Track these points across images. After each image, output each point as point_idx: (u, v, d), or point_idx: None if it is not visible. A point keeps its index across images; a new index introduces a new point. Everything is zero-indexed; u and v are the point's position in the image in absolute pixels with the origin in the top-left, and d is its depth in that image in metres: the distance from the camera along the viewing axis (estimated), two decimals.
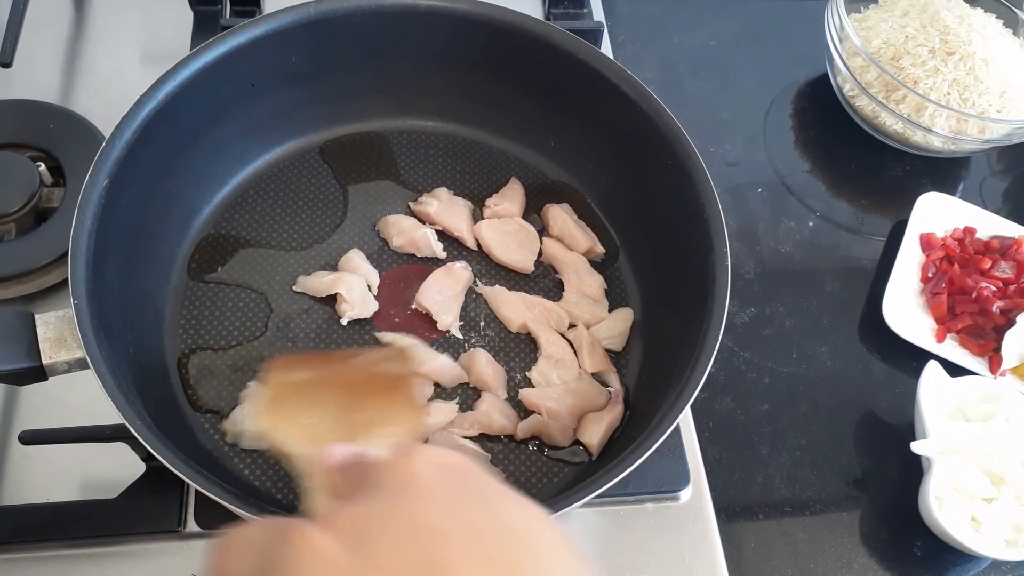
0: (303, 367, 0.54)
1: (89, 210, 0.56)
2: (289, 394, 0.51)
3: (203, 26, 0.84)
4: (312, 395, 0.51)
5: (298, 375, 0.53)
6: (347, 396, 0.51)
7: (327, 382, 0.52)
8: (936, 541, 0.68)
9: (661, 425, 0.53)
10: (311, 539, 0.30)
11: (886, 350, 0.78)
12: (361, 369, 0.54)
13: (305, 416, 0.49)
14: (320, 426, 0.48)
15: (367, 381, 0.53)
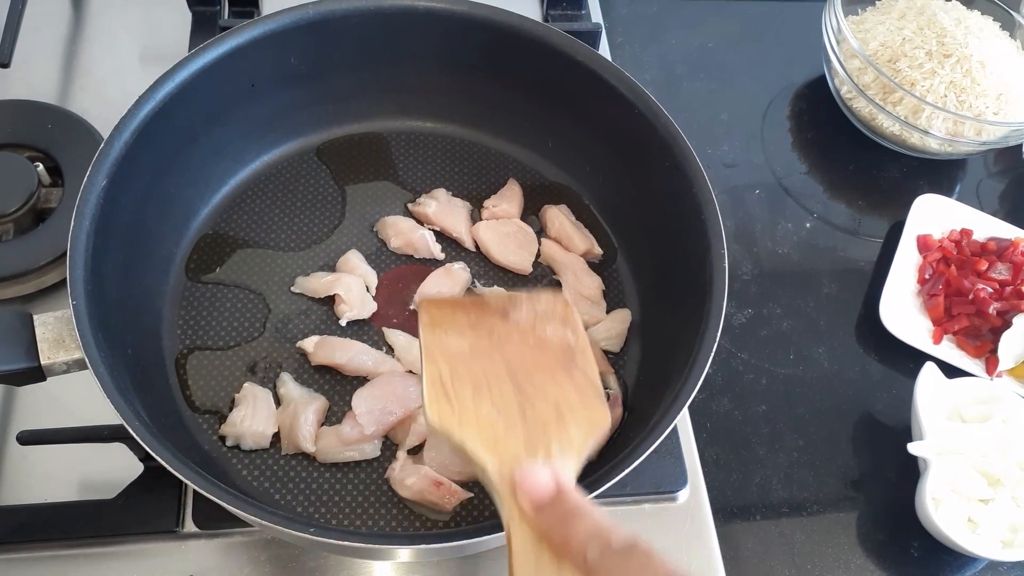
0: (458, 325, 0.48)
1: (87, 211, 0.56)
2: (458, 369, 0.46)
3: (202, 27, 0.84)
4: (484, 371, 0.46)
5: (457, 341, 0.47)
6: (523, 373, 0.45)
7: (494, 351, 0.47)
8: (933, 542, 0.68)
9: (659, 426, 0.53)
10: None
11: (883, 351, 0.78)
12: (527, 332, 0.48)
13: (484, 403, 0.44)
14: (503, 421, 0.43)
15: (538, 350, 0.47)
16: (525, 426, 0.43)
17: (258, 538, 0.61)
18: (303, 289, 0.69)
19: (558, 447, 0.42)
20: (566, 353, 0.47)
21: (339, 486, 0.61)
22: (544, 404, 0.44)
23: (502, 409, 0.44)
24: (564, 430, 0.43)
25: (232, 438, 0.62)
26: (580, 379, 0.45)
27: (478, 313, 0.50)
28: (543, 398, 0.44)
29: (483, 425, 0.43)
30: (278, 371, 0.65)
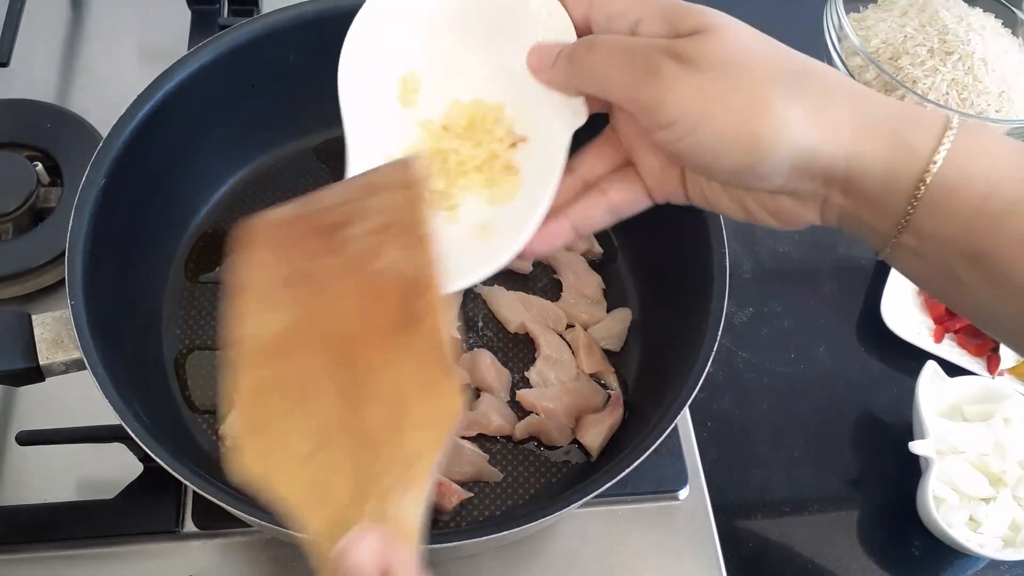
0: (274, 283, 0.35)
1: (86, 210, 0.56)
2: (266, 373, 0.33)
3: (201, 25, 0.84)
4: (300, 371, 0.33)
5: (270, 320, 0.34)
6: (347, 357, 0.32)
7: (314, 326, 0.34)
8: (934, 541, 0.68)
9: (659, 425, 0.53)
10: None
11: (884, 350, 0.78)
12: (357, 269, 0.34)
13: (299, 430, 0.32)
14: (324, 455, 0.31)
15: (370, 302, 0.33)
16: (349, 455, 0.31)
17: (258, 538, 0.61)
18: None
19: (393, 479, 0.30)
20: (405, 300, 0.32)
21: None
22: (376, 407, 0.32)
23: (318, 432, 0.32)
24: (401, 443, 0.31)
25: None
26: (419, 345, 0.32)
27: (302, 247, 0.37)
28: (374, 395, 0.32)
29: (296, 470, 0.31)
30: None
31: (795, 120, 0.36)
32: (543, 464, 0.63)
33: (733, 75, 0.36)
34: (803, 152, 0.36)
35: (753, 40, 0.38)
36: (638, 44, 0.39)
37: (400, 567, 0.28)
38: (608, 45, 0.40)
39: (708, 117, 0.36)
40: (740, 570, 0.66)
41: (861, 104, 0.37)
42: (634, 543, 0.63)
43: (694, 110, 0.37)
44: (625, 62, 0.38)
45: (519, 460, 0.64)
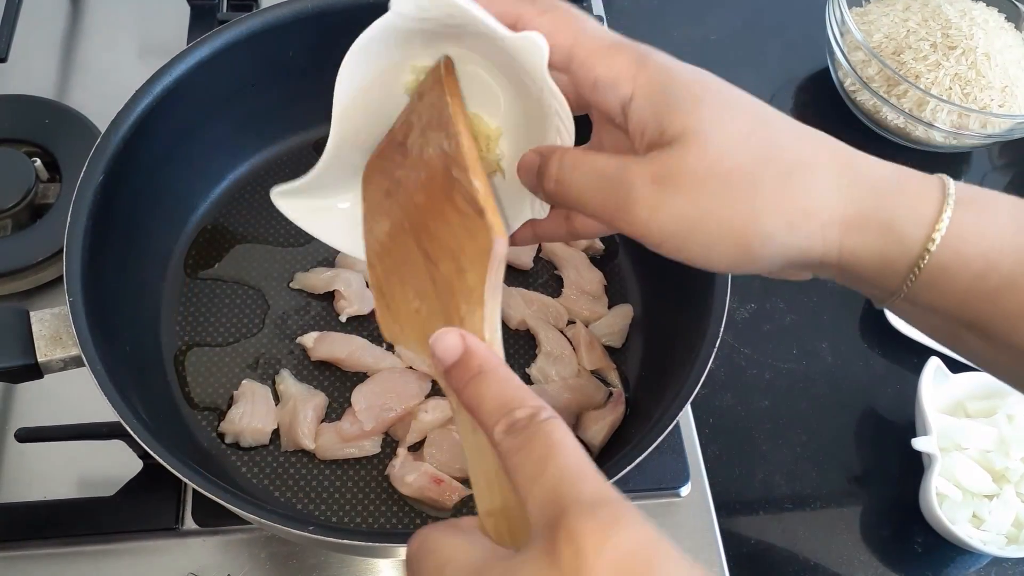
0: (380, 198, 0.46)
1: (84, 206, 0.56)
2: (387, 263, 0.45)
3: (200, 20, 0.83)
4: (401, 253, 0.44)
5: (382, 226, 0.46)
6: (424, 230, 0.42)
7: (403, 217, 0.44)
8: (937, 538, 0.67)
9: (661, 422, 0.53)
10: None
11: (887, 346, 0.77)
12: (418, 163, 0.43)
13: (408, 294, 0.43)
14: (425, 306, 0.42)
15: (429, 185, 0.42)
16: (439, 300, 0.41)
17: (258, 535, 0.61)
18: (302, 285, 0.68)
19: (465, 306, 0.39)
20: (446, 172, 0.41)
21: (339, 483, 0.61)
22: (445, 260, 0.41)
23: (420, 291, 0.42)
24: (463, 280, 0.39)
25: (231, 435, 0.61)
26: (460, 202, 0.40)
27: (390, 164, 0.47)
28: (443, 252, 0.41)
29: (415, 322, 0.42)
30: (277, 367, 0.65)
31: (782, 229, 0.36)
32: None
33: (716, 191, 0.36)
34: (793, 252, 0.37)
35: (738, 142, 0.36)
36: (611, 171, 0.38)
37: (472, 345, 0.35)
38: (586, 171, 0.39)
39: (693, 235, 0.37)
40: (742, 567, 0.66)
41: (851, 191, 0.36)
42: None
43: (679, 233, 0.37)
44: (605, 192, 0.38)
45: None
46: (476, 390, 0.34)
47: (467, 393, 0.34)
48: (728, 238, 0.36)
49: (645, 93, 0.37)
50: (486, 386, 0.34)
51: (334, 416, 0.63)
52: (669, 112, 0.37)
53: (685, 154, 0.36)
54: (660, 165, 0.36)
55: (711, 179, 0.36)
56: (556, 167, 0.40)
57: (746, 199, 0.36)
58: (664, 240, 0.37)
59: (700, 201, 0.36)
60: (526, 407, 0.32)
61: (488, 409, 0.33)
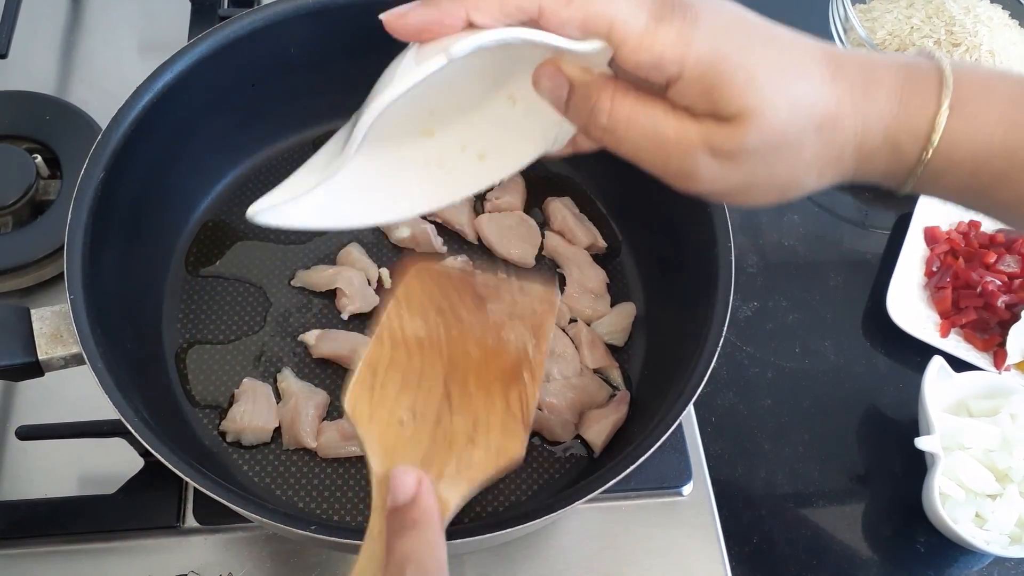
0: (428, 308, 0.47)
1: (85, 203, 0.56)
2: (399, 359, 0.45)
3: (201, 16, 0.83)
4: (422, 368, 0.45)
5: (415, 327, 0.46)
6: (460, 378, 0.44)
7: (444, 348, 0.46)
8: (939, 537, 0.67)
9: (664, 421, 0.52)
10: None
11: (890, 345, 0.77)
12: (490, 331, 0.47)
13: (403, 404, 0.43)
14: (412, 429, 0.43)
15: (491, 356, 0.46)
16: (432, 440, 0.43)
17: (259, 534, 0.60)
18: (304, 283, 0.68)
19: (455, 468, 0.42)
20: (515, 367, 0.46)
21: (340, 481, 0.61)
22: (463, 419, 0.43)
23: (419, 415, 0.43)
24: (469, 452, 0.42)
25: (232, 434, 0.61)
26: (514, 401, 0.44)
27: (458, 295, 0.49)
28: (466, 412, 0.44)
29: (390, 427, 0.43)
30: (279, 365, 0.65)
31: (815, 178, 0.41)
32: (546, 460, 0.63)
33: (769, 161, 0.39)
34: (819, 189, 0.42)
35: (786, 114, 0.38)
36: (672, 139, 0.38)
37: (424, 500, 0.39)
38: (643, 132, 0.39)
39: (745, 194, 0.41)
40: (744, 566, 0.66)
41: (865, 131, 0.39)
42: (638, 539, 0.63)
43: (732, 193, 0.41)
44: (666, 157, 0.39)
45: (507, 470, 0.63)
46: (405, 535, 0.38)
47: (393, 536, 0.38)
48: (773, 193, 0.41)
49: (693, 76, 0.37)
50: (409, 537, 0.37)
51: (336, 414, 0.63)
52: (721, 92, 0.37)
53: (744, 133, 0.37)
54: (721, 141, 0.38)
55: (765, 151, 0.38)
56: (605, 117, 0.39)
57: (792, 162, 0.39)
58: (716, 198, 0.41)
59: (756, 170, 0.39)
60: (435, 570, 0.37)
61: (400, 555, 0.37)
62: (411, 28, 0.38)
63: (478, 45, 0.36)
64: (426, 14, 0.37)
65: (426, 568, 0.36)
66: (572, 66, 0.40)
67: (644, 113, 0.39)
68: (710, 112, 0.38)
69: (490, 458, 0.43)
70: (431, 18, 0.37)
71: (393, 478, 0.39)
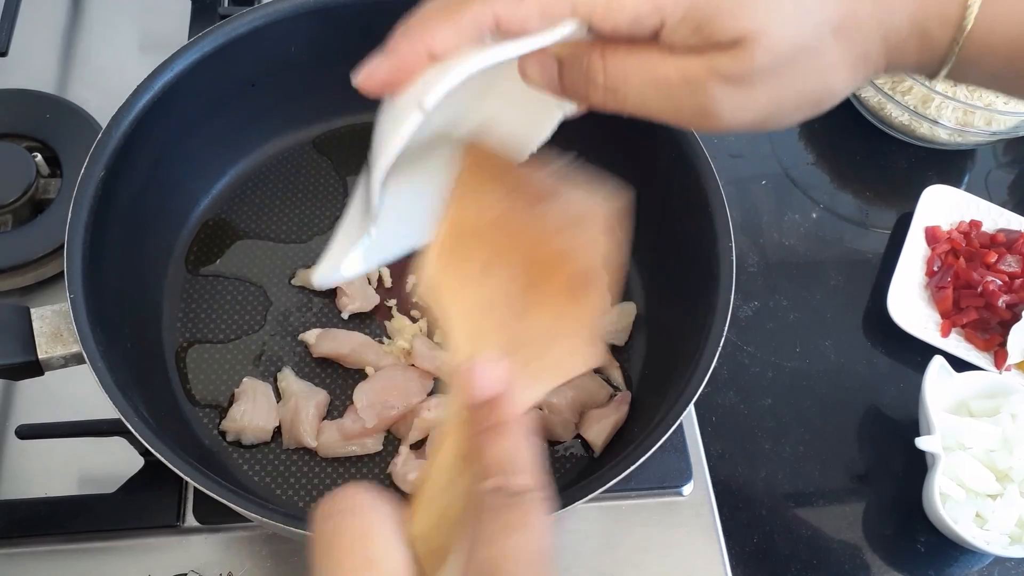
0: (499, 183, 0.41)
1: (85, 202, 0.56)
2: (482, 230, 0.40)
3: (201, 15, 0.83)
4: (504, 248, 0.40)
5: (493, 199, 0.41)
6: (527, 277, 0.40)
7: (520, 234, 0.41)
8: (940, 537, 0.67)
9: (665, 421, 0.52)
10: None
11: (890, 344, 0.77)
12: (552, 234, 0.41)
13: (488, 285, 0.39)
14: (497, 315, 0.38)
15: (555, 261, 0.41)
16: (515, 331, 0.38)
17: (259, 533, 0.60)
18: (304, 282, 0.68)
19: (535, 367, 0.38)
20: (584, 277, 0.41)
21: (341, 481, 0.61)
22: (545, 315, 0.39)
23: (503, 301, 0.39)
24: (549, 350, 0.39)
25: (232, 433, 0.61)
26: (586, 310, 0.40)
27: (515, 180, 0.43)
28: (545, 308, 0.39)
29: (475, 309, 0.38)
30: (279, 365, 0.65)
31: (846, 81, 0.38)
32: (547, 459, 0.63)
33: (788, 76, 0.36)
34: (855, 89, 0.40)
35: (793, 22, 0.35)
36: (677, 79, 0.36)
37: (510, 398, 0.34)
38: (644, 81, 0.37)
39: (774, 118, 0.38)
40: (744, 565, 0.66)
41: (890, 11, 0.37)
42: (637, 538, 0.63)
43: (759, 121, 0.38)
44: (674, 100, 0.37)
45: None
46: (493, 437, 0.33)
47: (483, 435, 0.33)
48: (804, 108, 0.38)
49: (676, 20, 0.35)
50: (504, 439, 0.33)
51: (336, 414, 0.63)
52: (712, 26, 0.35)
53: (752, 54, 0.35)
54: (730, 67, 0.36)
55: (782, 68, 0.36)
56: (601, 76, 0.37)
57: (814, 71, 0.37)
58: (748, 127, 0.38)
59: (777, 91, 0.37)
60: (527, 477, 0.32)
61: (494, 460, 0.33)
62: (381, 84, 0.37)
63: (448, 89, 0.35)
64: (389, 64, 0.36)
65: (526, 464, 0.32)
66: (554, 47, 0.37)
67: (640, 62, 0.37)
68: (710, 44, 0.35)
69: (567, 360, 0.39)
70: (394, 66, 0.36)
71: (479, 366, 0.35)
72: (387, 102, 0.39)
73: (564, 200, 0.43)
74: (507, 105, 0.43)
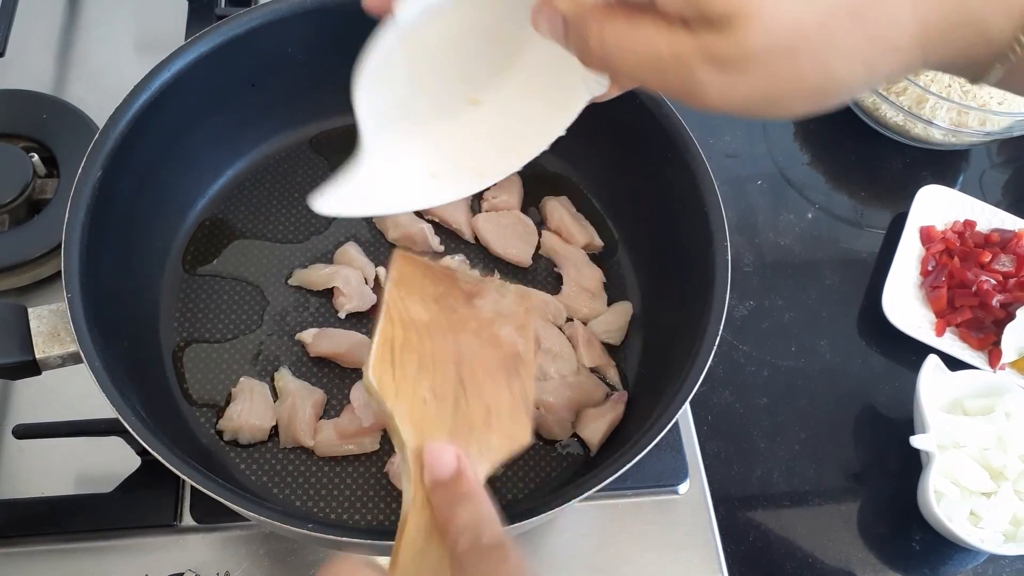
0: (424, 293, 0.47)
1: (82, 202, 0.56)
2: (411, 339, 0.45)
3: (198, 15, 0.83)
4: (434, 351, 0.46)
5: (419, 310, 0.47)
6: (468, 366, 0.46)
7: (449, 334, 0.47)
8: (934, 535, 0.68)
9: (661, 420, 0.53)
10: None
11: (885, 344, 0.77)
12: (484, 326, 0.48)
13: (424, 383, 0.44)
14: (435, 407, 0.44)
15: (489, 348, 0.47)
16: (454, 418, 0.44)
17: (256, 532, 0.61)
18: (301, 282, 0.68)
19: (476, 449, 0.43)
20: (512, 360, 0.48)
21: (338, 480, 0.61)
22: (477, 404, 0.45)
23: (439, 395, 0.44)
24: (487, 435, 0.44)
25: (229, 432, 0.61)
26: (517, 390, 0.46)
27: (446, 286, 0.50)
28: (478, 398, 0.45)
29: (416, 403, 0.44)
30: (276, 364, 0.65)
31: (861, 73, 0.34)
32: (543, 458, 0.63)
33: (785, 62, 0.33)
34: (874, 84, 0.35)
35: (799, 3, 0.32)
36: (667, 55, 0.34)
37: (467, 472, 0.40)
38: (636, 52, 0.35)
39: (771, 105, 0.35)
40: (740, 564, 0.66)
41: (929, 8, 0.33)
42: (634, 537, 0.63)
43: (754, 105, 0.35)
44: (664, 74, 0.35)
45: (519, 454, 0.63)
46: (456, 509, 0.38)
47: (447, 509, 0.39)
48: (807, 97, 0.34)
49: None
50: (464, 508, 0.38)
51: (333, 413, 0.63)
52: None
53: (743, 36, 0.32)
54: (719, 49, 0.33)
55: (777, 53, 0.33)
56: (597, 42, 0.36)
57: (819, 59, 0.33)
58: (739, 113, 0.35)
59: (771, 77, 0.33)
60: (494, 532, 0.37)
61: (461, 526, 0.38)
62: (380, 4, 0.39)
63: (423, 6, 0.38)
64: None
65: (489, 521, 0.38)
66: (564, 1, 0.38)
67: (634, 33, 0.35)
68: (701, 18, 0.33)
69: (505, 442, 0.44)
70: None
71: (430, 453, 0.40)
72: None
73: (493, 297, 0.50)
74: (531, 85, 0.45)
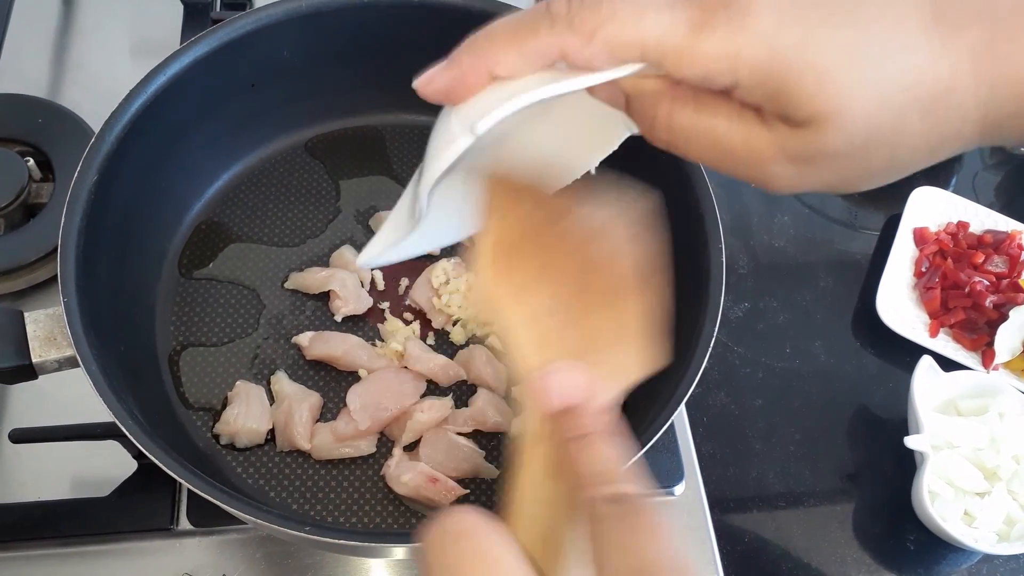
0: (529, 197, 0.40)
1: (78, 206, 0.56)
2: (527, 239, 0.39)
3: (193, 19, 0.83)
4: (550, 254, 0.39)
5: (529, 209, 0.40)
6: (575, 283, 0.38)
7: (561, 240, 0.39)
8: (929, 535, 0.68)
9: (656, 422, 0.53)
10: None
11: (879, 345, 0.78)
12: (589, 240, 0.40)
13: (543, 291, 0.37)
14: (558, 319, 0.37)
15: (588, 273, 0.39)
16: (581, 335, 0.36)
17: (253, 536, 0.61)
18: (297, 285, 0.68)
19: (608, 369, 0.35)
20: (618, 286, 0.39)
21: (335, 483, 0.61)
22: (606, 317, 0.37)
23: (560, 305, 0.37)
24: (618, 353, 0.36)
25: (226, 436, 0.61)
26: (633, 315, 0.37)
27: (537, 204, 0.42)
28: (605, 310, 0.37)
29: (535, 315, 0.37)
30: (272, 367, 0.65)
31: (924, 158, 0.35)
32: None
33: (859, 159, 0.33)
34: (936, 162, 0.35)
35: (874, 108, 0.32)
36: (740, 150, 0.34)
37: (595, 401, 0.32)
38: (706, 143, 0.35)
39: (834, 190, 0.36)
40: (736, 565, 0.66)
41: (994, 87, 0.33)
42: None
43: (815, 191, 0.36)
44: (734, 163, 0.35)
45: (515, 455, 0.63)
46: (587, 446, 0.31)
47: (574, 445, 0.32)
48: (872, 181, 0.35)
49: (751, 85, 0.33)
50: (594, 448, 0.31)
51: (329, 416, 0.63)
52: (789, 98, 0.32)
53: (823, 137, 0.32)
54: (796, 147, 0.33)
55: (852, 151, 0.33)
56: (665, 126, 0.36)
57: (890, 152, 0.34)
58: (805, 191, 0.36)
59: (843, 169, 0.34)
60: (629, 483, 0.30)
61: (590, 470, 0.31)
62: (439, 92, 0.36)
63: (501, 117, 0.34)
64: (450, 76, 0.36)
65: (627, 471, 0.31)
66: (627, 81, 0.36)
67: (706, 124, 0.35)
68: (780, 116, 0.33)
69: (639, 361, 0.37)
70: (454, 79, 0.35)
71: (554, 375, 0.33)
72: (444, 110, 0.39)
73: (582, 215, 0.41)
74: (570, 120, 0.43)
